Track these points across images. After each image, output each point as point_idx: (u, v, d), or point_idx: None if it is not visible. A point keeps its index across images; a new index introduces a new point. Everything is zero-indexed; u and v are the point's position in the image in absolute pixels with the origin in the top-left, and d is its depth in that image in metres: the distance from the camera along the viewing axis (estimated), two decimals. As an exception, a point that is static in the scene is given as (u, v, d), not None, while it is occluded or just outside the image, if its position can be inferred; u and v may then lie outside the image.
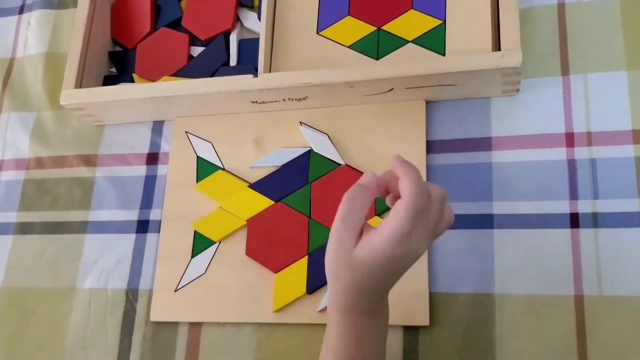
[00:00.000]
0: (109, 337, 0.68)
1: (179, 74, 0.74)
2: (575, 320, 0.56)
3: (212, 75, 0.72)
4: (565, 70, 0.64)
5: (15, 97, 0.83)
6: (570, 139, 0.62)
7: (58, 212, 0.75)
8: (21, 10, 0.88)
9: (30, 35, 0.85)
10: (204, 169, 0.70)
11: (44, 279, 0.73)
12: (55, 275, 0.72)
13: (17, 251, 0.75)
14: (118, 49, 0.79)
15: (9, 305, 0.73)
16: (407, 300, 0.60)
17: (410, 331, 0.60)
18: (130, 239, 0.71)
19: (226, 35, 0.74)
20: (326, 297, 0.61)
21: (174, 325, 0.66)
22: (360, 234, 0.46)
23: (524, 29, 0.65)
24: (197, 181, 0.70)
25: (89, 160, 0.76)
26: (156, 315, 0.67)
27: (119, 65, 0.78)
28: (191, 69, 0.74)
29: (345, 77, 0.63)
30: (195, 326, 0.66)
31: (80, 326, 0.69)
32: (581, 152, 0.61)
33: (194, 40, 0.76)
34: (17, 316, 0.72)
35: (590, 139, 0.61)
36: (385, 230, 0.44)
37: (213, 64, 0.73)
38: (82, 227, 0.73)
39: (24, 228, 0.76)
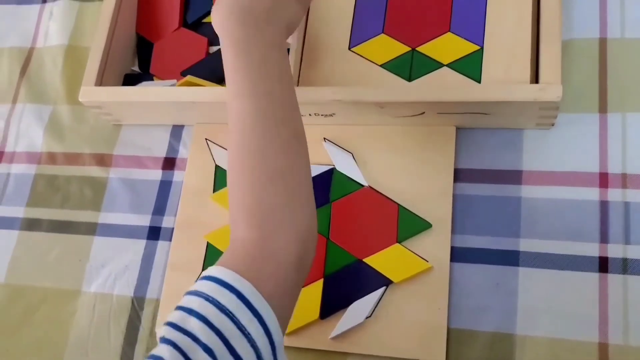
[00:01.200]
0: (111, 345, 0.66)
1: (194, 69, 0.72)
2: (598, 369, 0.54)
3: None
4: (603, 108, 0.62)
5: (32, 88, 0.81)
6: (604, 179, 0.59)
7: (67, 211, 0.73)
8: (44, -1, 0.86)
9: (52, 26, 0.83)
10: (222, 178, 0.68)
11: (49, 279, 0.71)
12: (61, 276, 0.70)
13: (22, 247, 0.73)
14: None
15: (10, 302, 0.71)
16: (424, 334, 0.58)
17: (425, 366, 0.58)
18: (140, 244, 0.69)
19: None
20: (339, 325, 0.59)
21: (180, 338, 0.64)
22: None
23: (563, 61, 0.62)
24: (214, 191, 0.68)
25: (103, 160, 0.74)
26: (162, 327, 0.65)
27: (144, 61, 0.76)
28: (206, 66, 0.72)
29: (376, 97, 0.61)
30: (202, 342, 0.64)
31: (83, 330, 0.67)
32: (615, 194, 0.59)
33: (212, 41, 0.74)
34: (19, 314, 0.70)
35: (625, 180, 0.59)
36: None
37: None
38: (91, 229, 0.71)
39: (31, 224, 0.74)
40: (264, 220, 0.46)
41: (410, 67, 0.65)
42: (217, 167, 0.69)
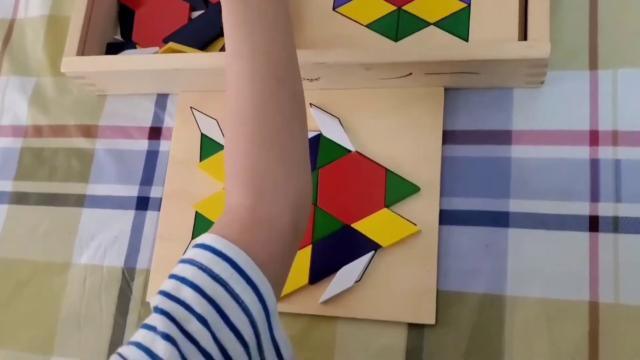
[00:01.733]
0: (103, 316, 0.66)
1: (176, 35, 0.71)
2: (588, 328, 0.54)
3: (211, 41, 0.68)
4: (593, 65, 0.60)
5: (14, 60, 0.79)
6: (594, 137, 0.58)
7: (55, 184, 0.72)
8: (23, -32, 0.84)
9: (32, -4, 0.81)
10: (209, 147, 0.67)
11: (39, 252, 0.71)
12: (51, 249, 0.70)
13: (11, 221, 0.73)
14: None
15: (1, 276, 0.71)
16: (413, 297, 0.58)
17: (415, 329, 0.57)
18: (129, 215, 0.69)
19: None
20: (328, 290, 0.59)
21: (171, 308, 0.64)
22: None
23: (553, 18, 0.60)
24: (201, 160, 0.67)
25: (89, 131, 0.73)
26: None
27: (126, 29, 0.74)
28: (189, 32, 0.71)
29: (361, 59, 0.59)
30: (192, 310, 0.64)
31: (74, 303, 0.67)
32: (605, 152, 0.58)
33: (194, 6, 0.72)
34: (10, 288, 0.70)
35: (615, 138, 0.58)
36: None
37: (212, 29, 0.70)
38: (80, 201, 0.71)
39: (20, 198, 0.73)
40: (258, 186, 0.45)
41: (397, 26, 0.64)
42: (202, 135, 0.68)
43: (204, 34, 0.69)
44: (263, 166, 0.46)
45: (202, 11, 0.72)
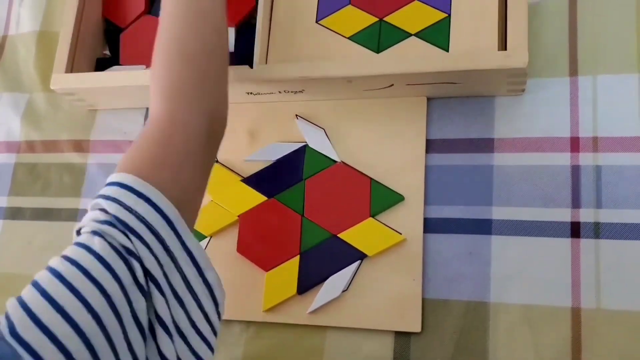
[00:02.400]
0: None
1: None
2: (571, 333, 0.55)
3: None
4: (573, 71, 0.61)
5: (7, 76, 0.81)
6: (575, 144, 0.59)
7: (49, 199, 0.74)
8: (14, -16, 0.85)
9: (23, 13, 0.82)
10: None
11: (34, 266, 0.70)
12: (45, 262, 0.71)
13: (6, 236, 0.74)
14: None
15: (-3, 291, 0.72)
16: (399, 306, 0.59)
17: (402, 337, 0.58)
18: (120, 229, 0.70)
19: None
20: (316, 300, 0.60)
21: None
22: None
23: (533, 25, 0.62)
24: (190, 172, 0.68)
25: (80, 146, 0.74)
26: (145, 309, 0.66)
27: (114, 45, 0.75)
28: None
29: (343, 72, 0.60)
30: (184, 321, 0.65)
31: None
32: (586, 158, 0.58)
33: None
34: (5, 303, 0.71)
35: (596, 144, 0.59)
36: None
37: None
38: (73, 215, 0.72)
39: (14, 213, 0.75)
40: (175, 95, 0.51)
41: (379, 38, 0.64)
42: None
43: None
44: (180, 79, 0.51)
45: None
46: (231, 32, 0.71)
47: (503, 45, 0.60)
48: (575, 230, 0.57)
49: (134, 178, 0.45)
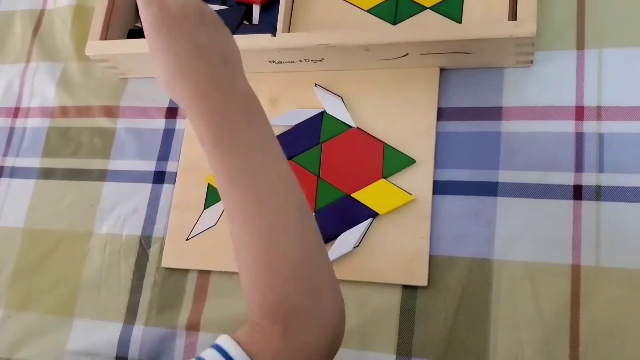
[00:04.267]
0: (121, 279, 0.71)
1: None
2: (570, 289, 0.57)
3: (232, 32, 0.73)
4: (580, 44, 0.64)
5: (44, 47, 0.85)
6: (580, 112, 0.62)
7: (79, 160, 0.78)
8: (52, -38, 0.90)
9: (60, -13, 0.87)
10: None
11: (63, 223, 0.76)
12: (74, 220, 0.76)
13: (39, 195, 0.78)
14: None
15: (29, 245, 0.76)
16: (407, 261, 0.62)
17: (409, 290, 0.61)
18: (146, 188, 0.74)
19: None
20: (329, 254, 0.63)
21: (184, 272, 0.69)
22: None
23: (543, 0, 0.65)
24: (213, 136, 0.72)
25: (111, 112, 0.78)
26: (167, 262, 0.70)
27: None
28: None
29: (361, 40, 0.64)
30: (204, 274, 0.68)
31: (95, 268, 0.73)
32: (590, 126, 0.61)
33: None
34: (37, 255, 0.76)
35: (599, 113, 0.61)
36: None
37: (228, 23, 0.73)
38: (102, 175, 0.76)
39: (47, 173, 0.79)
40: (288, 318, 0.43)
41: (395, 11, 0.68)
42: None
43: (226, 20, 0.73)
44: (292, 299, 0.44)
45: (219, 6, 0.76)
46: (256, 9, 0.75)
47: (513, 17, 0.63)
48: (577, 192, 0.60)
49: None
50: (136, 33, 0.79)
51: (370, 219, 0.64)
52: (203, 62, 0.46)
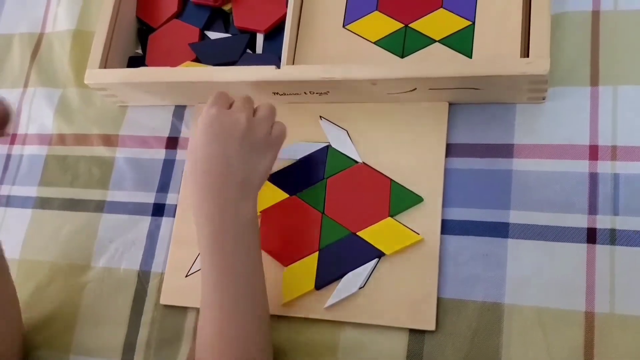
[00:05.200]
0: (119, 316, 0.69)
1: (198, 48, 0.74)
2: (584, 337, 0.55)
3: (233, 62, 0.72)
4: (594, 81, 0.62)
5: (42, 72, 0.84)
6: (594, 152, 0.60)
7: (77, 190, 0.76)
8: (52, -15, 0.88)
9: (60, 11, 0.85)
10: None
11: (60, 254, 0.74)
12: (71, 251, 0.74)
13: (35, 225, 0.76)
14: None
15: (24, 277, 0.74)
16: (415, 304, 0.60)
17: (416, 335, 0.59)
18: (145, 221, 0.72)
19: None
20: (333, 295, 0.61)
21: (183, 310, 0.67)
22: None
23: (555, 35, 0.63)
24: (214, 168, 0.70)
25: (109, 140, 0.77)
26: (166, 299, 0.68)
27: (145, 45, 0.78)
28: (207, 51, 0.74)
29: (368, 74, 0.62)
30: (204, 313, 0.66)
31: (92, 303, 0.70)
32: (604, 166, 0.59)
33: (208, 27, 0.76)
34: (32, 287, 0.73)
35: (615, 153, 0.59)
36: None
37: (231, 54, 0.73)
38: (100, 206, 0.74)
39: (44, 203, 0.77)
40: None
41: (403, 43, 0.66)
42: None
43: (222, 57, 0.72)
44: None
45: (221, 34, 0.75)
46: (260, 37, 0.73)
47: (525, 53, 0.61)
48: (591, 236, 0.58)
49: None
50: (136, 60, 0.77)
51: (376, 259, 0.62)
52: (222, 176, 0.56)
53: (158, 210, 0.72)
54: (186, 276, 0.67)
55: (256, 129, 0.57)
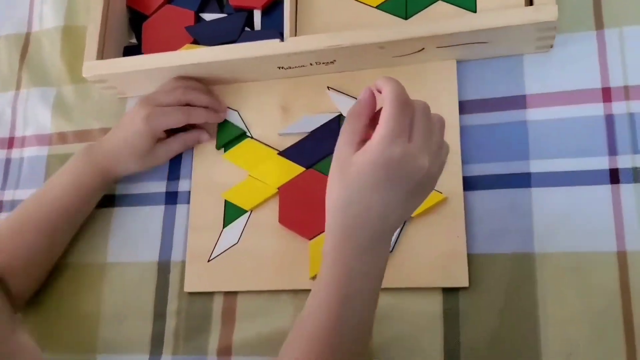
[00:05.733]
0: (143, 309, 0.68)
1: (196, 30, 0.73)
2: (618, 277, 0.56)
3: (233, 41, 0.70)
4: (599, 24, 0.62)
5: (33, 72, 0.81)
6: (607, 94, 0.60)
7: (84, 187, 0.74)
8: (34, -18, 0.86)
9: (45, 9, 0.83)
10: (227, 131, 0.70)
11: (75, 254, 0.72)
12: (86, 249, 0.72)
13: (44, 227, 0.74)
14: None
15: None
16: (446, 263, 0.59)
17: (450, 293, 0.59)
18: (159, 210, 0.71)
19: None
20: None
21: (209, 295, 0.66)
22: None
23: (556, -17, 0.63)
24: (220, 145, 0.69)
25: (112, 134, 0.75)
26: (190, 286, 0.66)
27: (139, 33, 0.76)
28: (207, 31, 0.72)
29: (375, 38, 0.61)
30: (231, 295, 0.65)
31: (114, 300, 0.69)
32: (619, 107, 0.59)
33: (203, 9, 0.74)
34: (50, 292, 0.72)
35: (627, 93, 0.60)
36: (377, 131, 0.45)
37: (230, 34, 0.71)
38: (111, 201, 0.72)
39: (51, 204, 0.75)
40: None
41: (406, 4, 0.66)
42: (224, 122, 0.70)
43: (221, 37, 0.71)
44: None
45: (217, 14, 0.73)
46: (257, 14, 0.72)
47: (529, 2, 0.61)
48: (614, 176, 0.58)
49: None
50: (132, 50, 0.75)
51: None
52: (377, 225, 0.46)
53: (171, 198, 0.71)
54: (208, 261, 0.66)
55: (432, 172, 0.47)
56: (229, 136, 0.69)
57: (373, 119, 0.48)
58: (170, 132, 0.69)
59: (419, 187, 0.46)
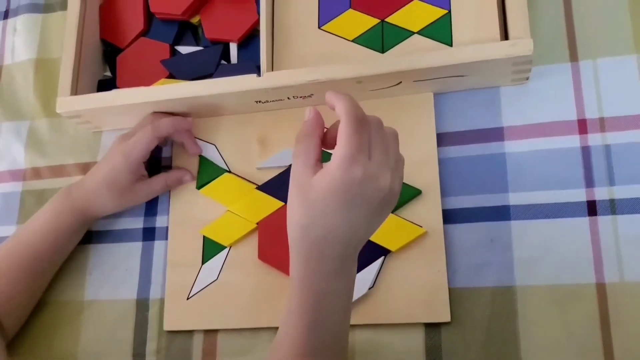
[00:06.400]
0: (122, 349, 0.66)
1: (171, 64, 0.72)
2: (598, 308, 0.56)
3: (209, 74, 0.70)
4: (573, 56, 0.63)
5: (6, 105, 0.80)
6: (583, 126, 0.61)
7: (59, 224, 0.73)
8: (5, 15, 0.85)
9: (17, 41, 0.82)
10: (206, 169, 0.69)
11: (52, 293, 0.71)
12: (63, 288, 0.71)
13: (19, 265, 0.73)
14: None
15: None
16: (427, 297, 0.59)
17: (432, 328, 0.59)
18: (137, 247, 0.69)
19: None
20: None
21: (189, 333, 0.65)
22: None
23: (529, 15, 0.63)
24: (199, 184, 0.68)
25: (88, 169, 0.73)
26: (170, 325, 0.65)
27: (114, 66, 0.75)
28: (182, 65, 0.72)
29: (353, 73, 0.61)
30: (211, 334, 0.65)
31: (92, 340, 0.68)
32: (595, 139, 0.60)
33: (178, 41, 0.74)
34: (27, 331, 0.70)
35: (603, 124, 0.60)
36: (336, 152, 0.44)
37: (205, 68, 0.71)
38: (87, 238, 0.71)
39: (25, 241, 0.73)
40: None
41: (382, 38, 0.66)
42: (201, 158, 0.69)
43: (197, 70, 0.70)
44: None
45: (193, 47, 0.73)
46: (233, 47, 0.71)
47: (504, 35, 0.62)
48: (591, 208, 0.58)
49: None
50: (106, 83, 0.74)
51: (382, 257, 0.61)
52: (339, 245, 0.46)
53: (149, 234, 0.70)
54: (187, 298, 0.65)
55: (394, 188, 0.47)
56: (210, 176, 0.68)
57: (324, 136, 0.48)
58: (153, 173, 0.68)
59: (382, 205, 0.46)
